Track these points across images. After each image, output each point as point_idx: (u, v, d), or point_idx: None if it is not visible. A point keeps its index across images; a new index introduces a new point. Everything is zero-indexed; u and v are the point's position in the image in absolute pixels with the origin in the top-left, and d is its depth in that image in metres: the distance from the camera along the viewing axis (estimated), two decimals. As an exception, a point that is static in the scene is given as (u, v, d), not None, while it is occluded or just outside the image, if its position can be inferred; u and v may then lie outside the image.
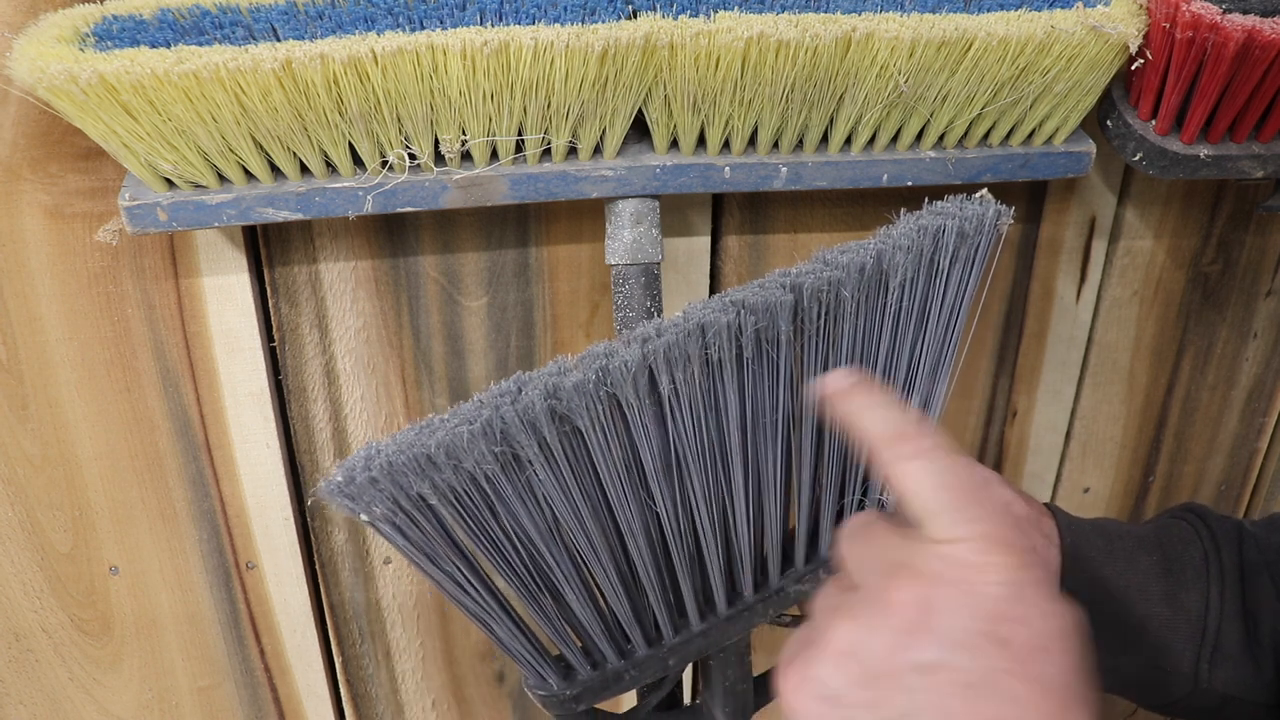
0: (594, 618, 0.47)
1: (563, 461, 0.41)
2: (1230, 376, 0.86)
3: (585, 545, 0.44)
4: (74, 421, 0.65)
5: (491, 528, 0.42)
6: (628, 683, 0.49)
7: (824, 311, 0.45)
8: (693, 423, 0.44)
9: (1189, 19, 0.54)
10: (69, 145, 0.57)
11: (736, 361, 0.43)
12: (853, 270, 0.45)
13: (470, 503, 0.40)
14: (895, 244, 0.46)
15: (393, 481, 0.38)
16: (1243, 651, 0.53)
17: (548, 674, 0.47)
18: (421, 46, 0.48)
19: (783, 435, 0.47)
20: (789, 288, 0.44)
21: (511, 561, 0.43)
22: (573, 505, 0.43)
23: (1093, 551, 0.54)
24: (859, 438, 0.39)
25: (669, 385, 0.42)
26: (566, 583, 0.45)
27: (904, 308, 0.48)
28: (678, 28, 0.50)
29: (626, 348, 0.41)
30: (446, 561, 0.42)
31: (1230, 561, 0.54)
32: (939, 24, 0.52)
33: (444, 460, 0.38)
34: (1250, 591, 0.54)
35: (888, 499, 0.53)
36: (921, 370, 0.50)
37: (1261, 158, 0.62)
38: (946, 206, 0.49)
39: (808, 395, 0.47)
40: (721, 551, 0.48)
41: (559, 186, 0.56)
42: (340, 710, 0.81)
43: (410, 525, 0.40)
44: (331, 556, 0.75)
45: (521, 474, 0.41)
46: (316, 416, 0.69)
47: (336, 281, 0.65)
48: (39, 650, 0.71)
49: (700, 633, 0.50)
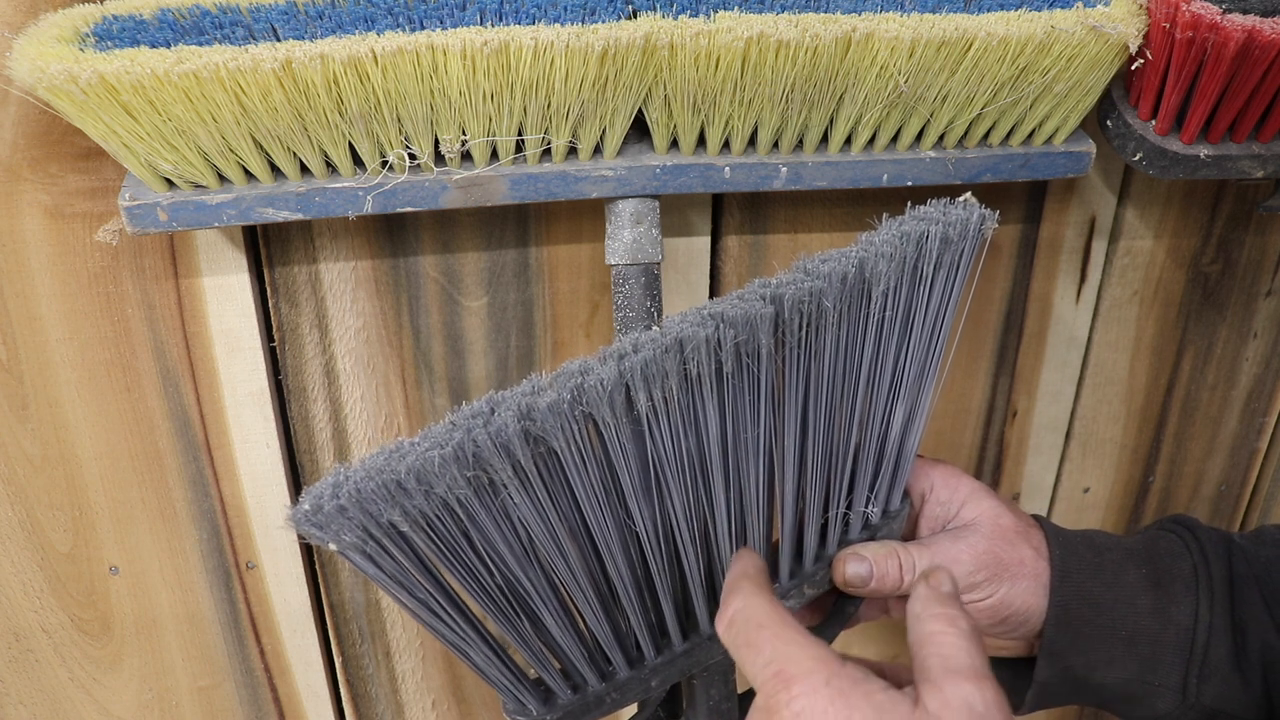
0: (573, 641, 0.46)
1: (538, 484, 0.40)
2: (1230, 376, 0.86)
3: (563, 568, 0.43)
4: (74, 421, 0.65)
5: (466, 553, 0.41)
6: (609, 705, 0.48)
7: (806, 323, 0.44)
8: (672, 440, 0.42)
9: (1189, 19, 0.54)
10: (69, 145, 0.57)
11: (716, 376, 0.42)
12: (834, 280, 0.44)
13: (443, 528, 0.39)
14: (878, 252, 0.45)
15: (362, 509, 0.37)
16: (1231, 666, 0.52)
17: (527, 699, 0.46)
18: (421, 46, 0.48)
19: (765, 450, 0.46)
20: (769, 299, 0.42)
21: (487, 587, 0.42)
22: (549, 528, 0.41)
23: (1081, 564, 0.54)
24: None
25: (647, 403, 0.40)
26: (544, 606, 0.44)
27: (887, 316, 0.47)
28: (678, 28, 0.50)
29: (602, 365, 0.40)
30: (420, 589, 0.41)
31: (1219, 575, 0.54)
32: (939, 24, 0.52)
33: (415, 486, 0.37)
34: (1239, 606, 0.53)
35: (872, 512, 0.53)
36: (907, 378, 0.50)
37: (1261, 158, 0.62)
38: (930, 211, 0.48)
39: (788, 409, 0.46)
40: (704, 569, 0.47)
41: (559, 186, 0.56)
42: (340, 710, 0.81)
43: (381, 553, 0.39)
44: (331, 556, 0.75)
45: (496, 498, 0.40)
46: (316, 416, 0.69)
47: (336, 281, 0.65)
48: (39, 650, 0.71)
49: (683, 652, 0.49)
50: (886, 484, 0.53)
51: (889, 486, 0.53)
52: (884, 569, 0.51)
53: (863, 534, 0.53)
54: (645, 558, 0.46)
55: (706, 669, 0.51)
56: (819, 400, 0.47)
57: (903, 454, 0.52)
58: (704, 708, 0.52)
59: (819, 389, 0.47)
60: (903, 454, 0.52)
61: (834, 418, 0.48)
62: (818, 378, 0.46)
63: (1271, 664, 0.52)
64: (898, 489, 0.54)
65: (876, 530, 0.54)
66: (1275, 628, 0.53)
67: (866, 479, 0.52)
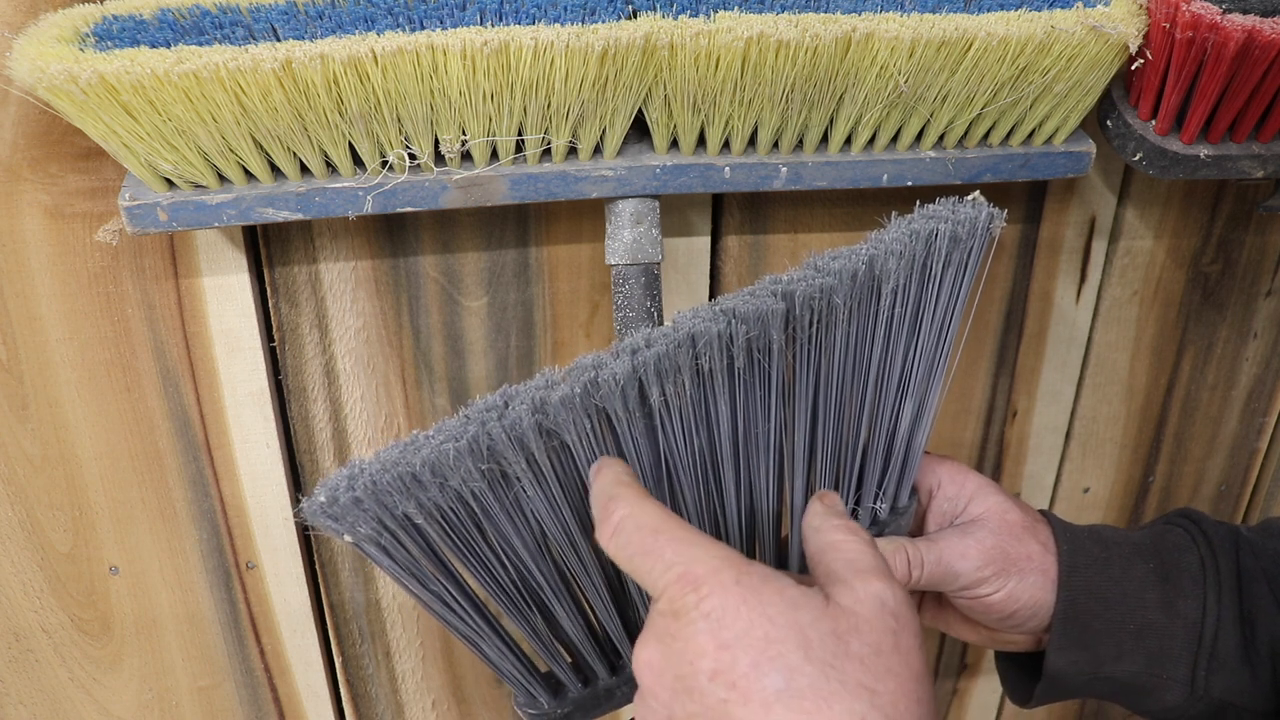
0: (584, 634, 0.46)
1: (551, 477, 0.40)
2: (1230, 376, 0.86)
3: (575, 561, 0.43)
4: (74, 421, 0.65)
5: (479, 546, 0.41)
6: (619, 699, 0.48)
7: (816, 319, 0.44)
8: (683, 434, 0.43)
9: (1189, 19, 0.54)
10: (69, 145, 0.57)
11: (728, 371, 0.42)
12: (845, 277, 0.44)
13: (457, 521, 0.39)
14: (887, 249, 0.45)
15: (377, 501, 0.37)
16: (1240, 659, 0.52)
17: (538, 692, 0.46)
18: (421, 46, 0.48)
19: (775, 445, 0.46)
20: (781, 295, 0.43)
21: (500, 579, 0.43)
22: (562, 521, 0.42)
23: (1089, 559, 0.54)
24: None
25: (659, 397, 0.41)
26: (556, 599, 0.44)
27: (897, 313, 0.47)
28: (678, 28, 0.50)
29: (615, 360, 0.40)
30: (433, 581, 0.41)
31: (1227, 568, 0.54)
32: (939, 24, 0.52)
33: (430, 478, 0.37)
34: (1247, 598, 0.53)
35: (880, 508, 0.53)
36: (915, 375, 0.50)
37: (1261, 158, 0.62)
38: (939, 210, 0.49)
39: (798, 404, 0.46)
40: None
41: (559, 186, 0.56)
42: (340, 710, 0.81)
43: (396, 545, 0.39)
44: (331, 556, 0.75)
45: (509, 491, 0.40)
46: (316, 416, 0.69)
47: (336, 281, 0.65)
48: (39, 650, 0.71)
49: None
50: (895, 480, 0.53)
51: (897, 483, 0.53)
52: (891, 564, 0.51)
53: (870, 530, 0.53)
54: None
55: None
56: (829, 396, 0.47)
57: (911, 450, 0.53)
58: None
59: (829, 385, 0.47)
60: (911, 450, 0.53)
61: (843, 413, 0.49)
62: (828, 373, 0.47)
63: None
64: (905, 485, 0.54)
65: (884, 526, 0.54)
66: None
67: (875, 475, 0.52)
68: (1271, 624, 0.53)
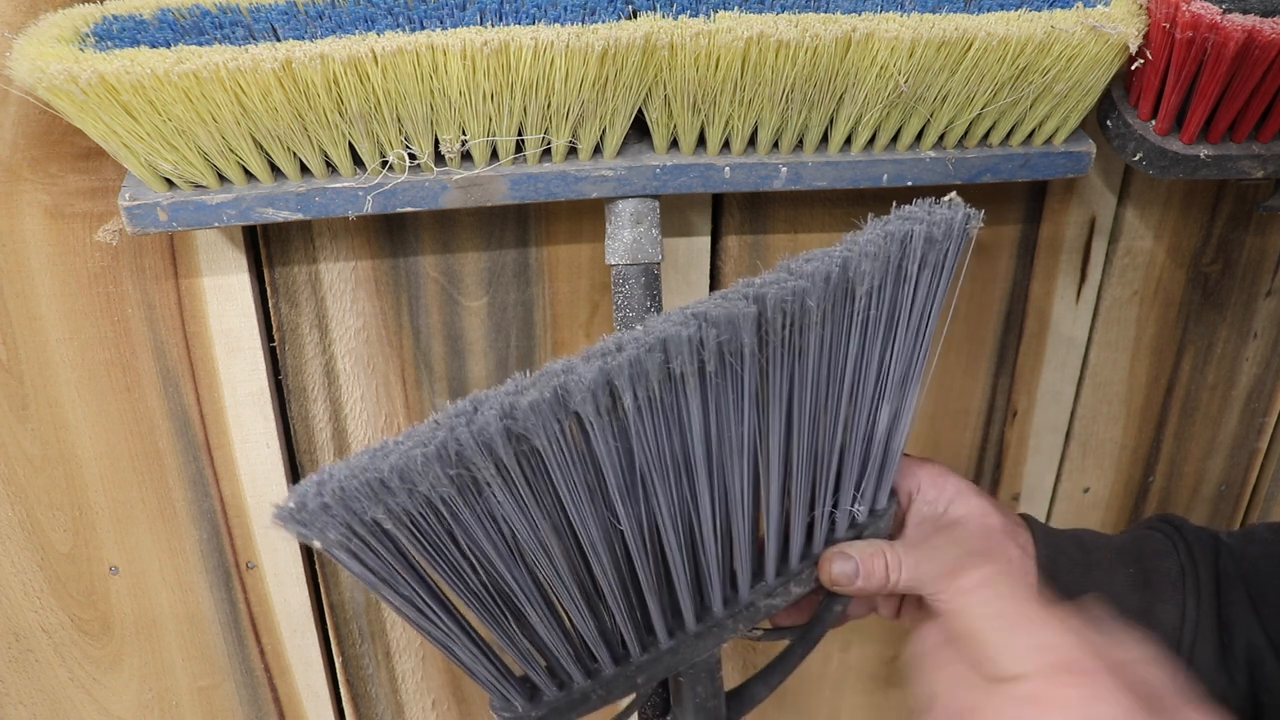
0: (559, 638, 0.46)
1: (521, 482, 0.40)
2: (1230, 376, 0.86)
3: (547, 566, 0.43)
4: (74, 421, 0.65)
5: (450, 551, 0.41)
6: (595, 702, 0.48)
7: (789, 322, 0.43)
8: (656, 439, 0.42)
9: (1189, 19, 0.54)
10: (69, 145, 0.57)
11: (699, 376, 0.42)
12: (818, 279, 0.44)
13: (427, 526, 0.39)
14: (862, 251, 0.45)
15: (346, 507, 0.37)
16: (1217, 666, 0.52)
17: (513, 696, 0.46)
18: (421, 46, 0.48)
19: (749, 449, 0.46)
20: (752, 299, 0.42)
21: (472, 584, 0.42)
22: (533, 526, 0.41)
23: (1068, 564, 0.54)
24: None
25: (630, 402, 0.40)
26: (529, 604, 0.44)
27: (871, 316, 0.47)
28: (678, 28, 0.50)
29: (585, 364, 0.40)
30: (404, 586, 0.41)
31: (1206, 575, 0.54)
32: (939, 24, 0.52)
33: (398, 484, 0.37)
34: (1225, 605, 0.53)
35: (858, 511, 0.53)
36: (891, 379, 0.50)
37: (1261, 158, 0.62)
38: (915, 211, 0.48)
39: (773, 408, 0.46)
40: (689, 567, 0.47)
41: (559, 186, 0.56)
42: (340, 710, 0.81)
43: (366, 551, 0.39)
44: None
45: (479, 496, 0.40)
46: (316, 416, 0.69)
47: (336, 281, 0.65)
48: (39, 650, 0.71)
49: (669, 650, 0.49)
50: (873, 483, 0.53)
51: (875, 485, 0.53)
52: (870, 567, 0.51)
53: (849, 533, 0.53)
54: (630, 556, 0.45)
55: (693, 666, 0.51)
56: (804, 399, 0.47)
57: (889, 453, 0.52)
58: (690, 705, 0.52)
59: (803, 388, 0.47)
60: (889, 453, 0.52)
61: (819, 417, 0.48)
62: (802, 377, 0.46)
63: (1257, 663, 0.53)
64: (884, 488, 0.54)
65: (863, 529, 0.54)
66: (1261, 627, 0.53)
67: (853, 478, 0.52)
68: (1248, 631, 0.53)
